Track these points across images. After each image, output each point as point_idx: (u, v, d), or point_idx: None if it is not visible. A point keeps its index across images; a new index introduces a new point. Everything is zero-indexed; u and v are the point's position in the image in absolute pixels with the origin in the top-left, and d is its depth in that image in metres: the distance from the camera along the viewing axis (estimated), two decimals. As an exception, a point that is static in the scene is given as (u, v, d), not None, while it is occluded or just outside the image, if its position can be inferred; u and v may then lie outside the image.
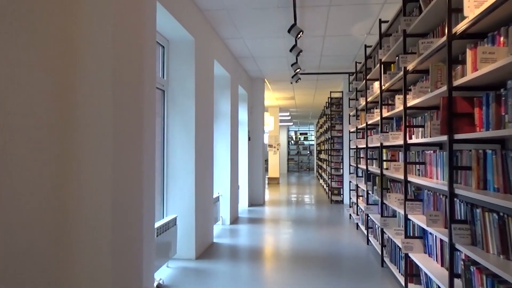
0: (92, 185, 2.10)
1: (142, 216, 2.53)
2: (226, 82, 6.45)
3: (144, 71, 2.63)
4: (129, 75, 2.38)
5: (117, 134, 2.19)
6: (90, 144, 2.10)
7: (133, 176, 2.41)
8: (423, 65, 3.01)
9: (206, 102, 4.90)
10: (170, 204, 4.35)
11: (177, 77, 4.39)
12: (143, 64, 2.60)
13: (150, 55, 3.02)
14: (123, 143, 2.27)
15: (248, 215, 7.38)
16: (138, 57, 2.52)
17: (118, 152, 2.20)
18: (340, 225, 6.39)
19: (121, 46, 2.27)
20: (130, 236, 2.37)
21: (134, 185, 2.42)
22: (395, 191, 3.99)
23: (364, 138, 5.89)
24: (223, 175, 6.41)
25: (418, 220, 2.98)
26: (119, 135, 2.21)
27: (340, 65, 7.38)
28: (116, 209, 2.17)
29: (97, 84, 2.12)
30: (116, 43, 2.20)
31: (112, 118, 2.11)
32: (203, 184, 4.76)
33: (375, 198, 5.13)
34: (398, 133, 3.69)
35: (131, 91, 2.39)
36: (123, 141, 2.27)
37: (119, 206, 2.22)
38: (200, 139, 4.60)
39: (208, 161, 4.99)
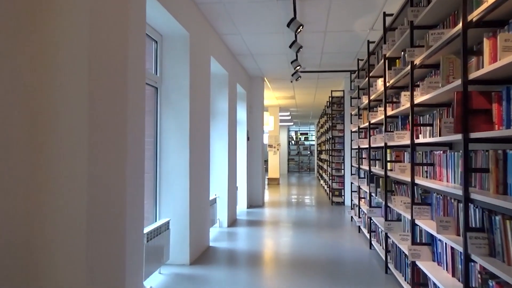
0: (64, 190, 1.89)
1: (125, 221, 2.32)
2: (223, 80, 6.24)
3: (127, 65, 2.42)
4: (109, 70, 2.17)
5: (93, 134, 1.98)
6: (63, 144, 1.89)
7: (113, 179, 2.20)
8: (432, 59, 2.80)
9: (202, 100, 4.69)
10: (163, 207, 4.14)
11: (171, 74, 4.18)
12: (127, 58, 2.39)
13: (137, 49, 2.81)
14: (101, 143, 2.06)
15: (247, 217, 7.16)
16: (121, 50, 2.31)
17: (94, 153, 1.99)
18: (341, 228, 6.18)
19: (99, 38, 2.06)
20: (110, 243, 2.16)
21: (114, 189, 2.21)
22: (400, 194, 3.78)
23: (367, 138, 5.67)
24: (220, 176, 6.20)
25: (426, 225, 2.76)
26: (95, 135, 2.00)
27: (341, 62, 7.17)
28: (92, 215, 1.96)
29: (71, 80, 1.91)
30: (93, 34, 1.99)
31: (88, 116, 1.90)
32: (199, 186, 4.54)
33: (378, 201, 4.91)
34: (404, 133, 3.48)
35: (111, 86, 2.18)
36: (101, 141, 2.06)
37: (96, 212, 2.01)
38: (196, 138, 4.39)
39: (204, 162, 4.78)
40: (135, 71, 2.75)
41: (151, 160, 4.17)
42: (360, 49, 6.21)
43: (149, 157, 4.18)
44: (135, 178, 2.75)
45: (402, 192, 3.75)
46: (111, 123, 2.15)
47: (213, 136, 6.18)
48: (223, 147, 6.20)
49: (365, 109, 5.57)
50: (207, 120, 4.97)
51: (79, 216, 1.88)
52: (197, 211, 4.49)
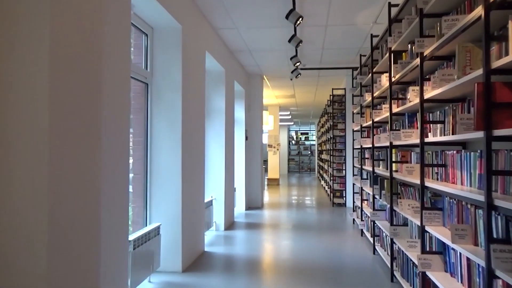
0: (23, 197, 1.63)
1: (100, 229, 2.07)
2: (220, 77, 5.98)
3: (102, 56, 2.16)
4: (77, 60, 1.91)
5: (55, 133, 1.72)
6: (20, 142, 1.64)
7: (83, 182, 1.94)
8: (444, 50, 2.54)
9: (196, 97, 4.44)
10: (155, 210, 3.89)
11: (162, 69, 3.93)
12: (101, 49, 2.13)
13: (119, 38, 2.56)
14: (67, 143, 1.81)
15: (245, 220, 6.91)
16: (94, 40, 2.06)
17: (57, 155, 1.73)
18: (343, 231, 5.92)
19: (64, 24, 1.81)
20: (80, 253, 1.91)
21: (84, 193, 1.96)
22: (406, 197, 3.52)
23: (370, 137, 5.42)
24: (217, 177, 5.95)
25: (437, 232, 2.51)
26: (59, 135, 1.75)
27: (343, 59, 6.91)
28: (55, 223, 1.70)
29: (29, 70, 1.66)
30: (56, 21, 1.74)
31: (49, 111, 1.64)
32: (193, 188, 4.29)
33: (382, 203, 4.66)
34: (411, 131, 3.22)
35: (79, 78, 1.93)
36: (67, 141, 1.81)
37: (60, 218, 1.76)
38: (189, 138, 4.14)
39: (198, 162, 4.52)
40: (115, 63, 2.50)
41: (141, 161, 3.92)
42: (362, 45, 5.96)
43: (139, 158, 3.93)
44: (115, 181, 2.50)
45: (409, 195, 3.49)
46: (78, 118, 1.90)
47: (209, 135, 5.93)
48: (220, 147, 5.95)
49: (368, 107, 5.31)
50: (202, 118, 4.71)
51: (39, 223, 1.63)
52: (191, 214, 4.24)
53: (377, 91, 4.40)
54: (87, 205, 1.98)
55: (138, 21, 3.65)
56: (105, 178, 2.33)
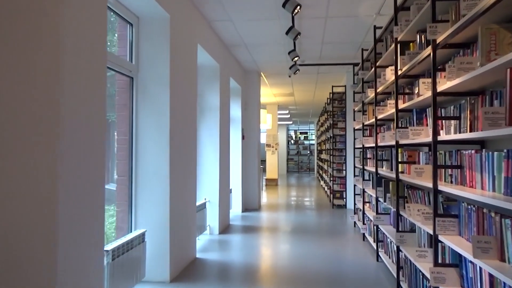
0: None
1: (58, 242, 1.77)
2: (214, 72, 5.68)
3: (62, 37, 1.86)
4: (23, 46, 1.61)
5: None
6: None
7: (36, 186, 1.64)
8: (460, 36, 2.24)
9: (187, 93, 4.13)
10: (140, 215, 3.58)
11: (148, 61, 3.62)
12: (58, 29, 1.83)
13: (88, 22, 2.25)
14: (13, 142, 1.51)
15: (241, 222, 6.60)
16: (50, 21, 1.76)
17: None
18: (344, 235, 5.62)
19: None
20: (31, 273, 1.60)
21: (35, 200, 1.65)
22: (414, 201, 3.22)
23: (372, 136, 5.12)
24: (211, 178, 5.64)
25: (453, 243, 2.21)
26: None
27: (343, 54, 6.61)
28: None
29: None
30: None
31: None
32: (183, 190, 3.99)
33: (385, 206, 4.36)
34: (421, 128, 2.93)
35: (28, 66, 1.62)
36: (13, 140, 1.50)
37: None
38: (179, 136, 3.84)
39: (189, 162, 4.22)
40: (84, 50, 2.20)
41: (126, 161, 3.61)
42: (364, 39, 5.65)
43: (124, 158, 3.63)
44: (83, 186, 2.19)
45: (417, 198, 3.19)
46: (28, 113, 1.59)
47: (203, 134, 5.63)
48: (214, 147, 5.64)
49: (371, 103, 5.01)
50: (194, 116, 4.41)
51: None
52: (181, 218, 3.93)
53: (381, 86, 4.10)
54: (39, 215, 1.67)
55: (122, 9, 3.34)
56: (65, 183, 2.02)
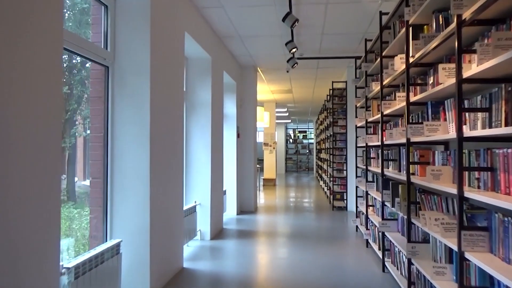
0: None
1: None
2: (206, 65, 5.25)
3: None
4: None
5: None
6: None
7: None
8: (493, 9, 1.83)
9: (171, 85, 3.71)
10: (117, 222, 3.16)
11: (126, 48, 3.20)
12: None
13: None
14: None
15: (236, 226, 6.19)
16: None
17: None
18: (345, 241, 5.20)
19: None
20: None
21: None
22: (428, 208, 2.80)
23: (377, 134, 4.71)
24: (202, 179, 5.22)
25: (484, 262, 1.80)
26: None
27: (345, 47, 6.19)
28: None
29: None
30: None
31: None
32: (166, 193, 3.57)
33: (392, 211, 3.95)
34: (438, 123, 2.51)
35: None
36: None
37: None
38: (161, 133, 3.41)
39: (175, 162, 3.80)
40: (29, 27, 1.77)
41: (101, 162, 3.19)
42: (368, 28, 5.23)
43: (98, 158, 3.21)
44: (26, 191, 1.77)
45: (431, 205, 2.77)
46: None
47: (193, 132, 5.20)
48: (205, 145, 5.22)
49: (375, 98, 4.59)
50: (179, 111, 3.98)
51: None
52: (165, 225, 3.51)
53: (388, 78, 3.68)
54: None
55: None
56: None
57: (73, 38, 2.62)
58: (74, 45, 2.63)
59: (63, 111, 2.08)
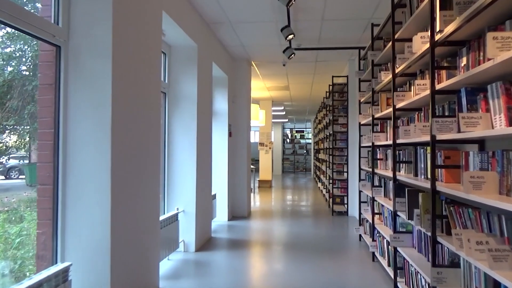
0: None
1: None
2: (191, 54, 4.64)
3: None
4: None
5: None
6: None
7: None
8: None
9: (142, 72, 3.10)
10: (70, 239, 2.54)
11: (83, 24, 2.58)
12: None
13: None
14: None
15: (226, 234, 5.58)
16: None
17: None
18: (348, 253, 4.60)
19: None
20: None
21: None
22: (460, 224, 2.20)
23: (385, 132, 4.12)
24: (185, 183, 4.60)
25: None
26: None
27: (347, 36, 5.59)
28: None
29: None
30: None
31: None
32: (136, 201, 2.96)
33: (404, 221, 3.35)
34: (477, 116, 1.91)
35: None
36: None
37: None
38: (127, 129, 2.80)
39: (149, 164, 3.18)
40: None
41: (50, 165, 2.57)
42: (374, 14, 4.64)
43: (47, 159, 2.59)
44: None
45: (464, 221, 2.17)
46: None
47: (175, 129, 4.59)
48: (190, 145, 4.60)
49: (384, 91, 3.99)
50: (155, 104, 3.37)
51: None
52: (132, 240, 2.90)
53: (403, 65, 3.08)
54: None
55: None
56: None
57: (11, 9, 2.01)
58: (13, 17, 2.03)
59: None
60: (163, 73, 4.53)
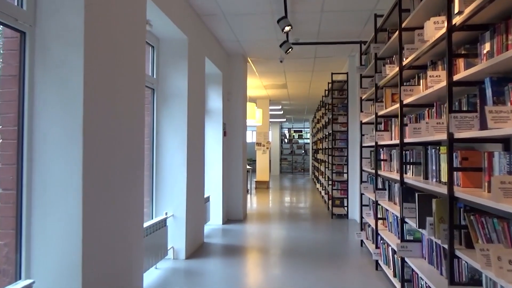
0: None
1: None
2: (181, 47, 4.33)
3: None
4: None
5: None
6: None
7: None
8: None
9: (123, 62, 2.79)
10: (36, 255, 2.23)
11: (51, 7, 2.27)
12: None
13: None
14: None
15: (220, 240, 5.27)
16: None
17: None
18: (349, 261, 4.30)
19: None
20: None
21: None
22: (483, 237, 1.90)
23: (389, 131, 3.82)
24: (175, 186, 4.29)
25: None
26: None
27: (348, 30, 5.29)
28: None
29: None
30: None
31: None
32: (114, 207, 2.65)
33: (411, 228, 3.05)
34: (507, 109, 1.61)
35: None
36: None
37: None
38: (103, 126, 2.49)
39: (130, 167, 2.87)
40: None
41: (14, 167, 2.26)
42: (377, 5, 4.34)
43: (10, 161, 2.28)
44: None
45: (488, 232, 1.87)
46: None
47: (164, 127, 4.28)
48: (180, 144, 4.29)
49: (389, 86, 3.70)
50: (139, 99, 3.05)
51: None
52: (109, 250, 2.59)
53: (412, 55, 2.78)
54: None
55: None
56: None
57: None
58: None
59: None
60: (151, 68, 4.22)
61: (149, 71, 4.16)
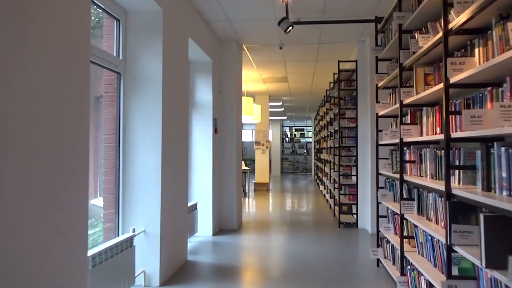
0: None
1: None
2: (153, 21, 3.46)
3: None
4: None
5: None
6: None
7: None
8: None
9: (68, 35, 1.92)
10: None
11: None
12: None
13: None
14: None
15: (207, 257, 4.41)
16: None
17: None
18: (363, 284, 3.43)
19: None
20: None
21: None
22: None
23: (418, 124, 2.96)
24: (147, 195, 3.42)
25: None
26: None
27: (359, 6, 4.42)
28: None
29: None
30: None
31: None
32: (44, 230, 1.79)
33: (457, 256, 2.18)
34: None
35: None
36: None
37: None
38: (50, 119, 1.63)
39: (67, 170, 2.01)
40: None
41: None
42: (399, -34, 3.47)
43: None
44: None
45: None
46: None
47: (132, 122, 3.39)
48: (153, 142, 3.42)
49: (423, 65, 2.83)
50: (83, 80, 2.18)
51: None
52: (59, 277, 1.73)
53: (466, 12, 1.91)
54: None
55: None
56: None
57: None
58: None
59: None
60: (116, 47, 3.34)
61: (114, 50, 3.29)
